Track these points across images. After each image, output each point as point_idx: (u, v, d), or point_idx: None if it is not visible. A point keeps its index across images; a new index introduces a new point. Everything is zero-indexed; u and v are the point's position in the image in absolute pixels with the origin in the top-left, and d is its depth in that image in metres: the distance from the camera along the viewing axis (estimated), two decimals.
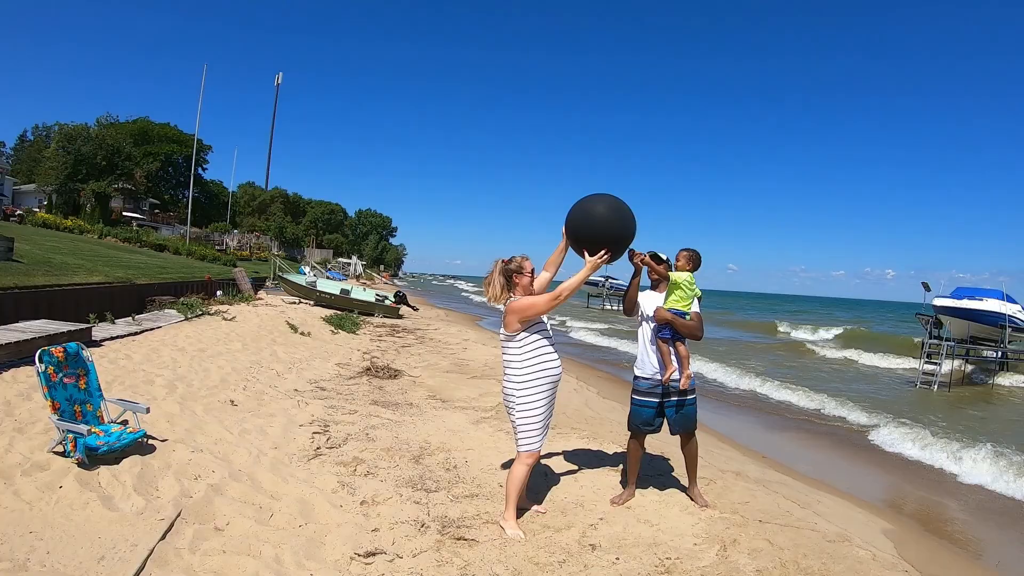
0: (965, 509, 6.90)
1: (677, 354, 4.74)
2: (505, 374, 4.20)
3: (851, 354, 24.41)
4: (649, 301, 4.88)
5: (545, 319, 4.26)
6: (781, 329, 39.14)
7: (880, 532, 5.41)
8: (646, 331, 4.85)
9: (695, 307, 4.81)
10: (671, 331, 4.68)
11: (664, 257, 4.85)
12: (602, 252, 4.12)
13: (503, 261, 4.23)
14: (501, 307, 4.20)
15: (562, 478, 5.31)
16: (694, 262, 4.83)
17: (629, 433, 5.00)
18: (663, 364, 4.73)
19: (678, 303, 4.70)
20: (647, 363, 4.84)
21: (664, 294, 4.80)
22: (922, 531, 6.02)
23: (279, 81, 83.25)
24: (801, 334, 36.83)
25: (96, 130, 48.67)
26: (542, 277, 4.41)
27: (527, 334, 4.10)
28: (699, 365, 16.38)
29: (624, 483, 5.09)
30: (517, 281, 4.18)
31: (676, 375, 4.71)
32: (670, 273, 4.77)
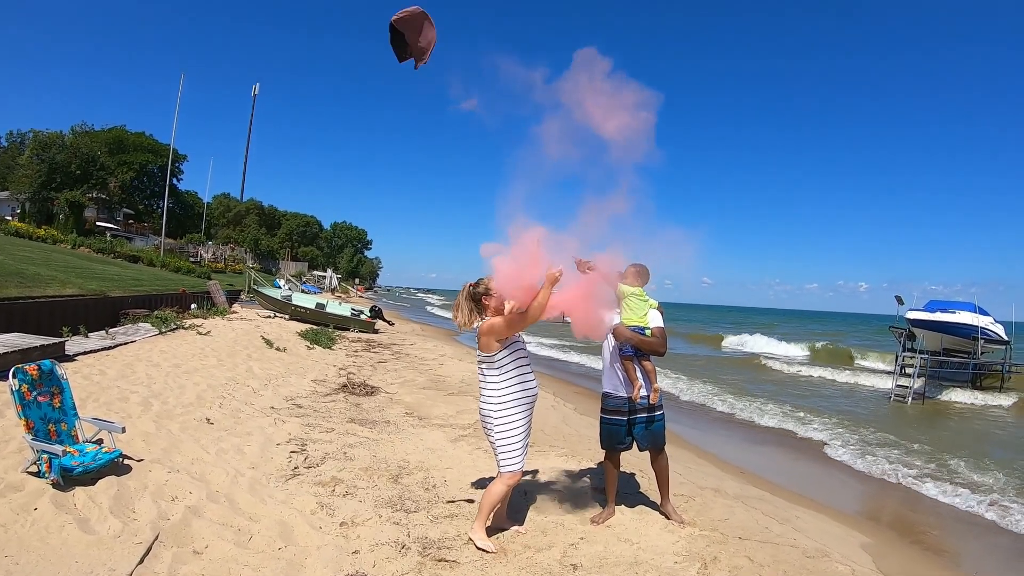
0: (940, 522, 7.03)
1: (643, 370, 4.73)
2: (482, 395, 4.17)
3: (825, 369, 24.53)
4: (612, 319, 4.84)
5: (521, 337, 4.27)
6: (756, 344, 39.29)
7: (858, 546, 5.50)
8: (609, 348, 4.83)
9: (658, 322, 4.76)
10: (632, 348, 4.67)
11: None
12: (557, 270, 3.96)
13: (471, 285, 4.21)
14: (471, 330, 4.19)
15: (542, 497, 5.30)
16: (642, 278, 4.77)
17: (604, 452, 5.01)
18: (628, 382, 4.71)
19: (633, 319, 4.68)
20: (612, 381, 4.81)
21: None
22: (899, 544, 6.12)
23: (256, 92, 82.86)
24: (775, 348, 36.94)
25: (71, 138, 48.03)
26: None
27: (505, 354, 4.09)
28: (674, 382, 16.50)
29: (603, 502, 5.10)
30: (487, 303, 4.14)
31: (644, 391, 4.71)
32: (620, 285, 4.72)
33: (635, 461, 6.18)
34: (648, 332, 4.70)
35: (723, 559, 4.27)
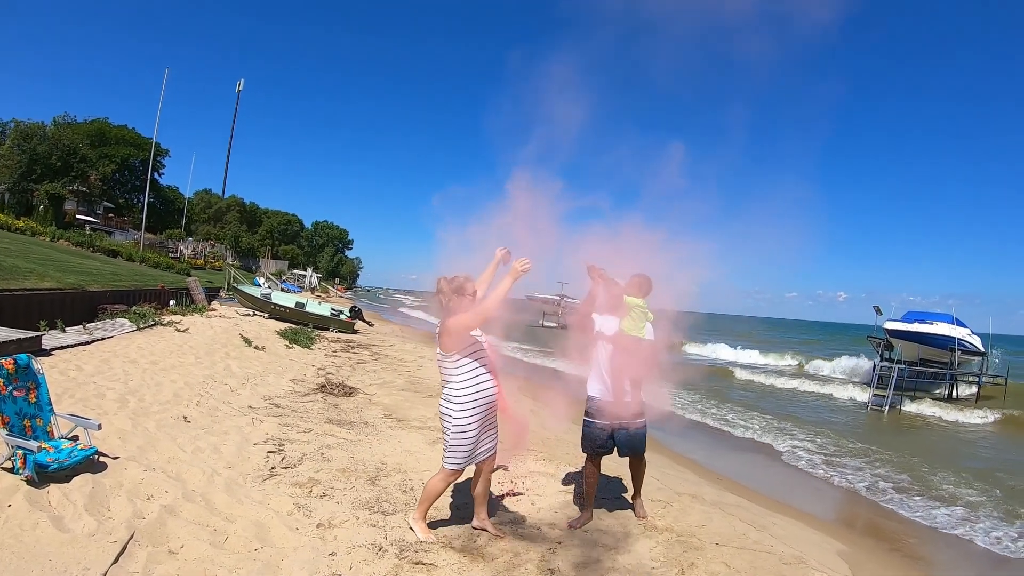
0: (916, 531, 7.20)
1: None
2: (443, 392, 4.18)
3: (800, 380, 24.14)
4: (607, 325, 4.85)
5: (482, 341, 4.22)
6: (725, 353, 39.22)
7: (835, 554, 5.58)
8: (601, 354, 4.82)
9: (651, 335, 4.80)
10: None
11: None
12: (524, 260, 3.94)
13: (445, 279, 4.20)
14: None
15: (520, 501, 5.31)
16: (645, 289, 4.80)
17: (585, 456, 5.01)
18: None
19: (633, 330, 4.70)
20: (599, 386, 4.83)
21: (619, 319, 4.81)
22: (876, 552, 6.23)
23: (240, 87, 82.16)
24: (745, 357, 36.70)
25: (53, 129, 47.27)
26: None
27: (464, 354, 4.08)
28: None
29: (582, 506, 5.12)
30: (459, 301, 4.12)
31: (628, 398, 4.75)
32: (626, 298, 4.72)
33: (614, 466, 6.21)
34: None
35: (700, 565, 4.30)
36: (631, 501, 5.27)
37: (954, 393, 20.89)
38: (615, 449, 4.87)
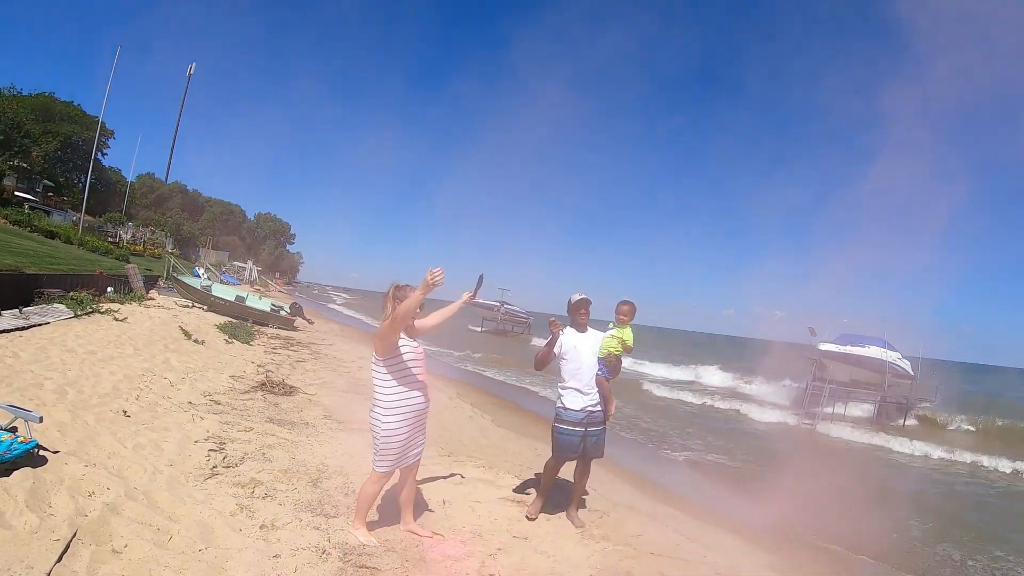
0: (846, 551, 7.38)
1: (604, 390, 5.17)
2: (373, 398, 4.22)
3: (732, 398, 23.70)
4: (592, 344, 5.16)
5: (411, 351, 4.26)
6: (647, 368, 39.16)
7: (766, 566, 5.76)
8: (583, 371, 5.12)
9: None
10: (608, 371, 5.14)
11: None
12: (435, 271, 3.77)
13: (397, 285, 4.23)
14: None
15: (460, 507, 5.34)
16: (632, 313, 5.24)
17: (551, 457, 5.30)
18: (604, 399, 5.16)
19: (616, 348, 5.15)
20: (579, 398, 5.10)
21: (597, 339, 5.20)
22: (810, 564, 6.44)
23: (191, 72, 79.12)
24: (666, 372, 36.01)
25: None
26: (428, 320, 4.54)
27: (393, 361, 4.14)
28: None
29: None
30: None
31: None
32: (623, 332, 5.17)
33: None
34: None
35: (636, 574, 4.45)
36: (568, 511, 5.43)
37: (884, 415, 21.09)
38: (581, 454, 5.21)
